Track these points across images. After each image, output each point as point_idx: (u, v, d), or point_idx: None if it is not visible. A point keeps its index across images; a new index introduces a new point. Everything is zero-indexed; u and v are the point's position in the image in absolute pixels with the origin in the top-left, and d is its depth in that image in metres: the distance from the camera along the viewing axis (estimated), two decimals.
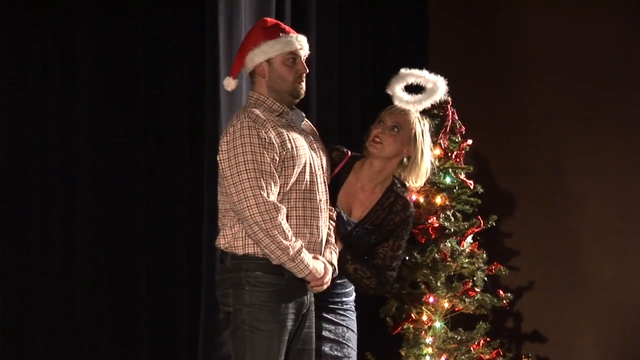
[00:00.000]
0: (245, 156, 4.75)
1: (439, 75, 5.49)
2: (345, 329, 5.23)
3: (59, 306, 6.28)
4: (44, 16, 6.39)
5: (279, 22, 5.02)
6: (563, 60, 7.61)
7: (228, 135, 4.78)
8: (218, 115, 5.96)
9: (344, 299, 5.21)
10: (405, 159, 5.21)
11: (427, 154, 5.26)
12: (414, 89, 5.47)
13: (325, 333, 5.20)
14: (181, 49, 6.48)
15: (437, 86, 5.48)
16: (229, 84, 4.98)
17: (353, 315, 5.26)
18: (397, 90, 5.39)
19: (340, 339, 5.22)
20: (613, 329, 7.45)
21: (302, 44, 4.92)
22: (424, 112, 5.79)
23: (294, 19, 6.35)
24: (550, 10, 7.63)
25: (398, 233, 5.20)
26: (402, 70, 5.43)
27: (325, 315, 5.19)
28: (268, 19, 5.06)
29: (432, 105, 5.96)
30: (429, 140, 5.28)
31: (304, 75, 4.94)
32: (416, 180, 5.27)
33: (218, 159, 4.81)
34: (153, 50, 6.61)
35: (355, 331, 5.26)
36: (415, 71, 5.43)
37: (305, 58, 4.95)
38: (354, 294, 5.25)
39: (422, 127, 5.26)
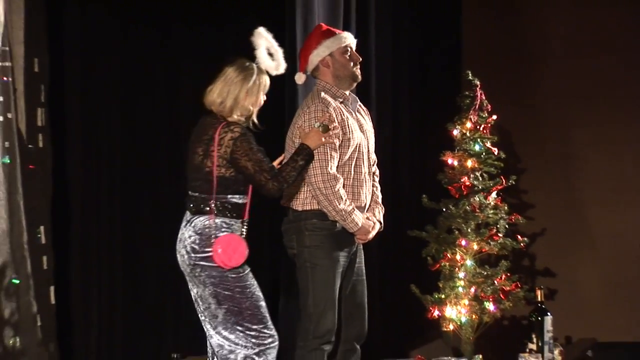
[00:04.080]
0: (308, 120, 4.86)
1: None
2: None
3: None
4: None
5: (329, 27, 5.16)
6: (571, 51, 7.63)
7: (305, 114, 4.90)
8: (296, 95, 5.91)
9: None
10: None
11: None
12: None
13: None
14: None
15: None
16: (300, 78, 5.07)
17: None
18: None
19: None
20: (610, 266, 7.46)
21: (351, 38, 5.06)
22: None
23: (358, 29, 6.37)
24: (564, 11, 7.65)
25: None
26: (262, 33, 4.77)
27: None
28: (322, 24, 5.22)
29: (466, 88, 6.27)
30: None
31: (359, 61, 5.05)
32: None
33: (293, 132, 4.92)
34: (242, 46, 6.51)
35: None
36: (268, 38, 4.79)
37: (355, 48, 5.04)
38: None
39: None
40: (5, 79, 5.30)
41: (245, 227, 4.68)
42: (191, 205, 4.67)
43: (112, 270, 6.50)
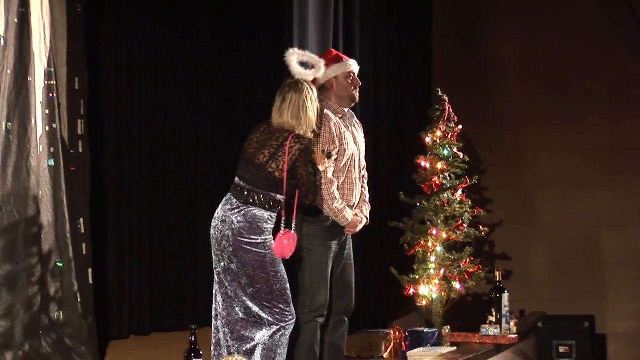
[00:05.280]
0: (320, 145, 5.17)
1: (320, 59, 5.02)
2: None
3: None
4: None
5: (339, 52, 5.43)
6: (523, 70, 8.15)
7: None
8: None
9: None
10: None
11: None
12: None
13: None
14: (268, 62, 6.84)
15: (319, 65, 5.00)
16: None
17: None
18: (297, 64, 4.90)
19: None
20: (556, 251, 8.00)
21: (355, 66, 5.33)
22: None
23: (345, 49, 6.48)
24: (515, 41, 8.20)
25: None
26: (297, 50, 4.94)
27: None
28: (332, 50, 5.49)
29: (436, 102, 6.54)
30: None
31: (358, 86, 5.33)
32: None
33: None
34: (251, 64, 7.17)
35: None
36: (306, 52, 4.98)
37: (357, 74, 5.34)
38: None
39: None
40: (51, 95, 5.44)
41: (279, 220, 4.88)
42: (241, 195, 4.77)
43: (140, 255, 6.83)
